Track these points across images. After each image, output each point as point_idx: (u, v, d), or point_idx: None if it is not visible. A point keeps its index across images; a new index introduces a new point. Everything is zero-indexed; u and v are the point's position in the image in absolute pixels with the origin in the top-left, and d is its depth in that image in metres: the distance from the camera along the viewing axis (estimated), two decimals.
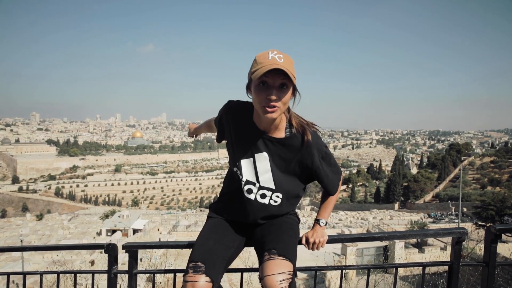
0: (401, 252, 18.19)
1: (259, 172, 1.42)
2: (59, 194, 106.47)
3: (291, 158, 1.40)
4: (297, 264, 1.36)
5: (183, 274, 1.32)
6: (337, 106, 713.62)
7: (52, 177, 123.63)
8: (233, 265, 1.53)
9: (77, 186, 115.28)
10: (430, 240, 20.39)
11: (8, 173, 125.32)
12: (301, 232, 1.55)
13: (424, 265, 1.70)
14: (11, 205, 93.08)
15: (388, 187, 60.72)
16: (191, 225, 33.17)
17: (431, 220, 37.78)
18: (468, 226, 27.25)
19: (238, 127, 1.42)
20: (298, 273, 1.36)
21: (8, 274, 2.15)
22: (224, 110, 1.46)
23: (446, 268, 1.64)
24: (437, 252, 19.00)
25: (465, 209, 39.19)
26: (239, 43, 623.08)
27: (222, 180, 1.76)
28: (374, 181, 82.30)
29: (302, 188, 1.52)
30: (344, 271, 1.78)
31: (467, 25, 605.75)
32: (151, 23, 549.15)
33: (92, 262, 17.52)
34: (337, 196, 1.58)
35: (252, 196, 1.45)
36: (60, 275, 2.14)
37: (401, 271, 13.08)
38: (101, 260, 16.76)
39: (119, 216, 35.46)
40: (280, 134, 1.39)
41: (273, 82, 1.22)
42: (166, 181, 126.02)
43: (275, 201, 1.46)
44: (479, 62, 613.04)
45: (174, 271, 1.84)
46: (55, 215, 57.49)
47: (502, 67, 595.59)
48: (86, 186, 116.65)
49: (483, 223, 27.76)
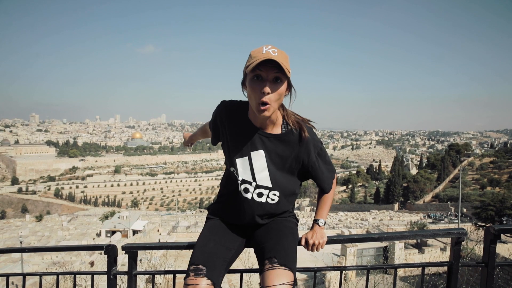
0: (401, 253, 18.21)
1: (256, 171, 1.41)
2: (59, 195, 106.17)
3: (288, 155, 1.40)
4: (297, 265, 1.35)
5: (184, 276, 1.31)
6: (337, 106, 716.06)
7: (51, 178, 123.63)
8: (233, 265, 1.52)
9: (77, 187, 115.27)
10: (429, 241, 20.35)
11: (8, 174, 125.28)
12: (300, 233, 1.54)
13: (423, 266, 1.70)
14: (11, 206, 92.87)
15: (387, 187, 60.75)
16: (191, 226, 33.22)
17: (430, 220, 37.84)
18: (468, 226, 27.24)
19: (233, 126, 1.41)
20: (297, 273, 1.36)
21: (7, 276, 2.15)
22: (218, 110, 1.45)
23: (445, 268, 1.65)
24: (437, 252, 19.00)
25: (464, 210, 39.25)
26: (239, 44, 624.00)
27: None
28: (374, 181, 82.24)
29: (298, 185, 1.51)
30: (343, 271, 1.78)
31: (467, 25, 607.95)
32: (151, 24, 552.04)
33: (92, 263, 17.48)
34: (333, 194, 1.57)
35: (249, 196, 1.43)
36: (60, 276, 2.14)
37: (401, 272, 13.09)
38: (100, 261, 16.77)
39: (118, 217, 35.34)
40: (277, 130, 1.38)
41: (267, 75, 1.23)
42: (166, 182, 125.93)
43: (272, 199, 1.45)
44: (478, 62, 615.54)
45: (174, 272, 1.83)
46: (55, 216, 57.36)
47: (501, 67, 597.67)
48: (85, 187, 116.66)
49: (483, 224, 27.80)
